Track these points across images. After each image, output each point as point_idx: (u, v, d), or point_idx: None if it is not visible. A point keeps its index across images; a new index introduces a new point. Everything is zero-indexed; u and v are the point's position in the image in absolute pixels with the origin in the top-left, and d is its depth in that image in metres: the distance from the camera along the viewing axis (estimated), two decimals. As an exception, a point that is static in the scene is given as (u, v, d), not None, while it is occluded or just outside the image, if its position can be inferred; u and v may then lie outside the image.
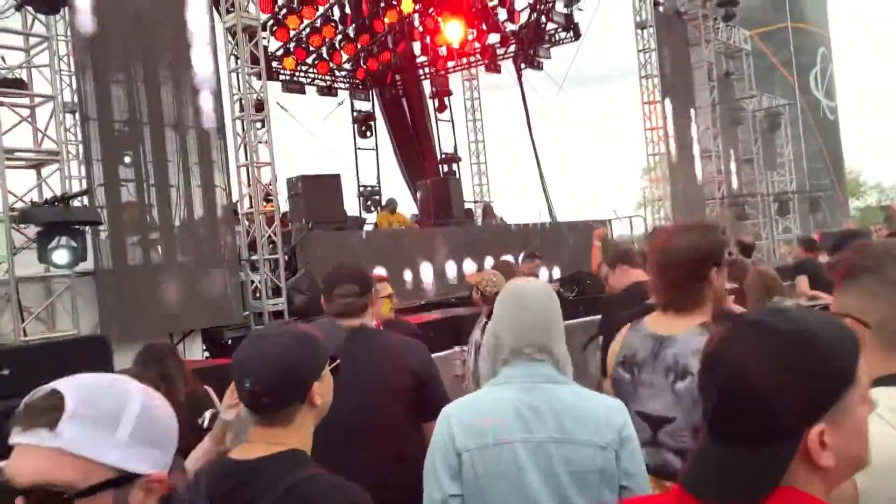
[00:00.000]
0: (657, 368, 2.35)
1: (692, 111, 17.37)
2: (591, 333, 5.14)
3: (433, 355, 4.24)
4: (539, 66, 17.55)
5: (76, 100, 7.97)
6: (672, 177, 16.44)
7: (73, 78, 8.30)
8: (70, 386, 1.16)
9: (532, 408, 1.98)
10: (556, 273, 12.51)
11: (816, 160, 30.04)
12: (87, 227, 6.54)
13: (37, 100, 6.83)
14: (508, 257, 10.53)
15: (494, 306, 2.20)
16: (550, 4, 15.80)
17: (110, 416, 1.14)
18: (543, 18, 16.10)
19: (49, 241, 6.12)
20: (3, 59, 6.65)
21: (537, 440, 1.95)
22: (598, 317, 5.51)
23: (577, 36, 16.88)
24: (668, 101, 16.38)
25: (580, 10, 16.41)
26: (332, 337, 1.93)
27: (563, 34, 17.00)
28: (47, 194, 6.70)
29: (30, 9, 6.42)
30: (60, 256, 6.14)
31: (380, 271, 8.75)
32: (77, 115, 8.11)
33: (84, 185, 7.43)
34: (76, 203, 6.50)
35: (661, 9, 16.81)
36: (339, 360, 1.84)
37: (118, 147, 7.58)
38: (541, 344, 2.05)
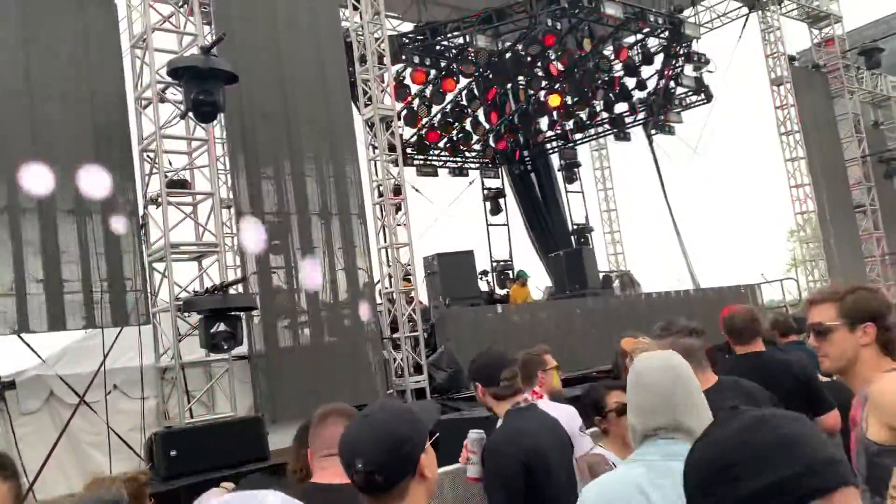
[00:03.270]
0: None
1: (841, 166, 16.39)
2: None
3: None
4: (671, 131, 17.26)
5: (231, 195, 8.64)
6: (825, 235, 15.45)
7: (229, 175, 9.01)
8: None
9: (656, 485, 1.88)
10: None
11: None
12: (242, 313, 6.95)
13: (198, 197, 7.45)
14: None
15: (629, 385, 2.14)
16: (679, 69, 15.62)
17: None
18: (672, 83, 15.92)
19: (210, 328, 6.55)
20: (171, 163, 7.33)
21: None
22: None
23: (709, 98, 16.52)
24: (813, 157, 15.57)
25: (710, 72, 16.12)
26: (427, 413, 1.96)
27: (693, 97, 16.71)
28: (207, 284, 7.21)
29: (191, 115, 7.08)
30: (220, 342, 6.54)
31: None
32: (232, 210, 8.77)
33: (239, 274, 7.93)
34: (233, 291, 6.94)
35: (796, 63, 16.23)
36: (437, 435, 1.85)
37: (269, 237, 8.09)
38: (669, 425, 1.97)
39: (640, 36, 14.98)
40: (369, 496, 1.70)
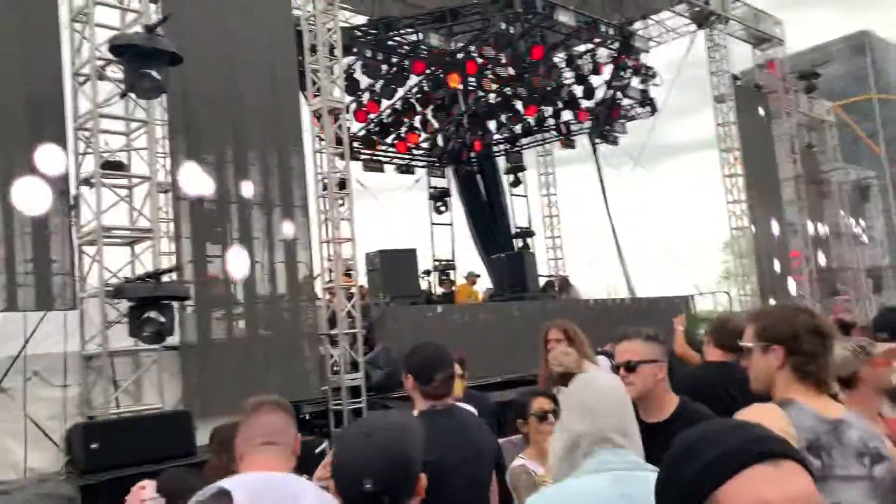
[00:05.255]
0: (847, 454, 2.14)
1: (775, 184, 16.95)
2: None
3: (505, 439, 4.12)
4: (615, 141, 17.54)
5: (169, 180, 8.36)
6: (757, 251, 15.94)
7: (168, 159, 8.71)
8: (240, 487, 1.14)
9: (627, 497, 1.85)
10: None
11: (910, 233, 28.72)
12: (174, 303, 6.73)
13: (134, 180, 7.18)
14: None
15: (563, 398, 2.15)
16: (626, 81, 15.88)
17: None
18: (619, 94, 16.17)
19: (139, 316, 6.32)
20: (107, 143, 7.05)
21: None
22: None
23: (654, 111, 16.85)
24: (750, 175, 16.04)
25: (656, 85, 16.42)
26: (418, 427, 1.89)
27: (639, 109, 17.01)
28: (139, 271, 6.96)
29: (132, 96, 6.83)
30: (149, 331, 6.32)
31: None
32: (169, 195, 8.49)
33: (174, 262, 7.69)
34: (166, 279, 6.72)
35: (739, 83, 16.68)
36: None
37: (207, 225, 7.87)
38: (621, 429, 1.99)
39: (590, 45, 15.15)
40: None
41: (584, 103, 16.01)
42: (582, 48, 15.40)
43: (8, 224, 6.45)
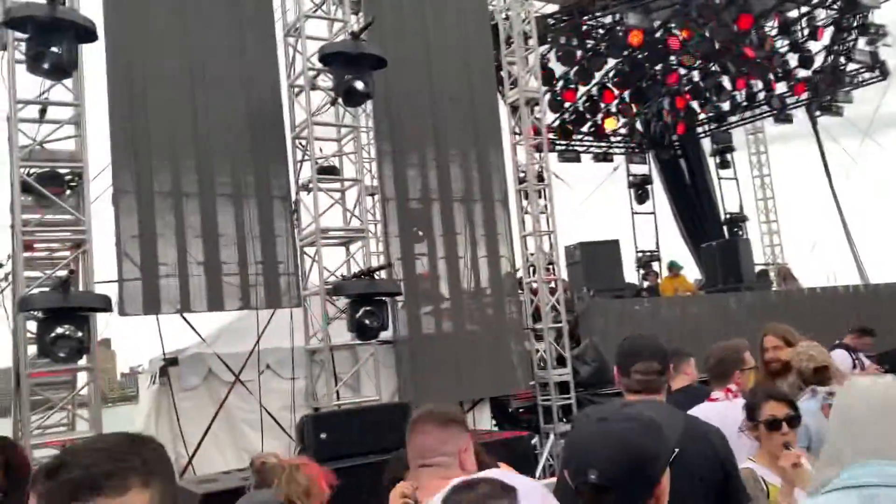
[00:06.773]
0: None
1: None
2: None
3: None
4: (838, 112, 15.82)
5: (376, 182, 8.71)
6: None
7: (374, 163, 9.08)
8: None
9: None
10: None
11: None
12: (387, 298, 6.97)
13: (346, 184, 7.53)
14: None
15: (833, 408, 1.82)
16: (851, 43, 14.24)
17: None
18: (843, 59, 14.54)
19: (355, 312, 6.61)
20: (321, 150, 7.45)
21: None
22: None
23: (885, 74, 14.97)
24: None
25: (888, 45, 14.57)
26: (672, 426, 1.67)
27: (866, 74, 15.20)
28: (354, 269, 7.29)
29: (340, 102, 7.15)
30: (365, 326, 6.59)
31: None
32: (377, 196, 8.84)
33: (384, 260, 7.98)
34: (378, 276, 6.97)
35: None
36: (677, 452, 1.57)
37: (412, 223, 8.09)
38: (888, 441, 1.66)
39: (806, 8, 13.76)
40: None
41: (801, 73, 14.58)
42: (796, 12, 14.03)
43: (240, 230, 7.01)
